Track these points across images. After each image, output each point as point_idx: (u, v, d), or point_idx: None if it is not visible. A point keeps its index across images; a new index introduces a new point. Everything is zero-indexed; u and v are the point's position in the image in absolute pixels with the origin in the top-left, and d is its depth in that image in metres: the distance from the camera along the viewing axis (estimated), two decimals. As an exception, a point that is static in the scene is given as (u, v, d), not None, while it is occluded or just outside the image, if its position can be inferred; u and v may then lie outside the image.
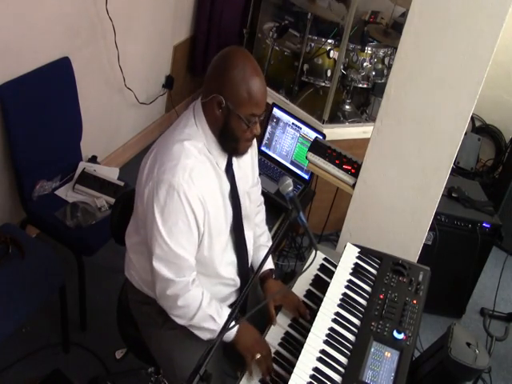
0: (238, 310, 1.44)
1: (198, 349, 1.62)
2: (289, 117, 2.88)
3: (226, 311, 1.68)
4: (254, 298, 1.94)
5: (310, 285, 1.91)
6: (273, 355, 1.67)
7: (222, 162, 1.68)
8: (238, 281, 1.84)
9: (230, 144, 1.64)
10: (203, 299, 1.66)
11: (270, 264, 1.92)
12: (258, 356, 1.61)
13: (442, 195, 2.06)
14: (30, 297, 2.06)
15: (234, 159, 1.72)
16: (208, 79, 1.60)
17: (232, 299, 1.87)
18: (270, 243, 1.97)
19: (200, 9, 3.74)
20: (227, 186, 1.71)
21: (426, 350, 1.68)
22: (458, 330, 1.54)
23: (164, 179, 1.53)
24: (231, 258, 1.80)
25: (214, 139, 1.63)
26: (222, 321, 1.64)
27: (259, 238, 1.97)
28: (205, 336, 1.68)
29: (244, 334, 1.68)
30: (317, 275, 1.95)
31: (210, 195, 1.62)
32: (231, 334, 1.67)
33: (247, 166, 1.82)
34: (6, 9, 2.23)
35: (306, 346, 1.55)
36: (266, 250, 1.92)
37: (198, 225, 1.60)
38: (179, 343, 1.75)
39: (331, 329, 1.62)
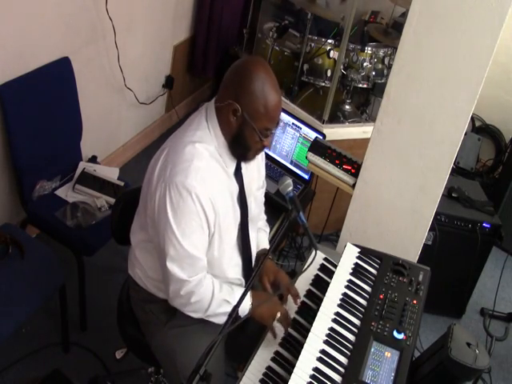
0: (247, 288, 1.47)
1: (201, 347, 1.62)
2: (289, 117, 2.88)
3: (238, 290, 1.73)
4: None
5: (310, 285, 1.91)
6: (273, 355, 1.67)
7: (232, 165, 1.71)
8: (243, 281, 1.87)
9: (241, 151, 1.68)
10: (214, 288, 1.69)
11: (266, 245, 1.99)
12: (279, 315, 1.67)
13: (442, 195, 2.06)
14: (30, 297, 2.06)
15: (243, 163, 1.75)
16: (226, 84, 1.62)
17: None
18: (268, 229, 2.05)
19: (200, 9, 3.74)
20: (236, 189, 1.74)
21: (426, 350, 1.68)
22: (458, 330, 1.54)
23: (177, 181, 1.55)
24: (237, 259, 1.83)
25: (224, 143, 1.66)
26: (235, 301, 1.65)
27: (257, 222, 2.00)
28: (222, 320, 1.70)
29: (258, 305, 1.71)
30: (317, 275, 1.95)
31: (220, 197, 1.64)
32: (246, 310, 1.70)
33: (254, 169, 1.85)
34: (6, 9, 2.23)
35: (305, 346, 1.55)
36: (263, 234, 2.00)
37: (209, 225, 1.63)
38: (183, 341, 1.75)
39: (331, 329, 1.62)
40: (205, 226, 1.61)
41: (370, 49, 3.20)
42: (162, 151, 1.66)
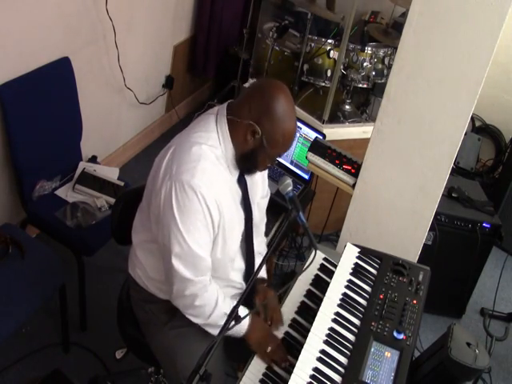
0: (244, 304, 1.48)
1: (200, 348, 1.62)
2: (289, 117, 2.87)
3: (240, 308, 1.71)
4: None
5: (310, 285, 1.91)
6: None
7: (236, 171, 1.71)
8: (244, 285, 1.86)
9: (247, 166, 1.70)
10: (219, 297, 1.69)
11: (263, 273, 1.95)
12: (269, 349, 1.65)
13: (442, 195, 2.06)
14: (30, 297, 2.06)
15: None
16: (248, 103, 1.61)
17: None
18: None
19: (200, 9, 3.74)
20: (239, 195, 1.74)
21: (425, 350, 1.68)
22: (458, 330, 1.54)
23: (183, 179, 1.55)
24: (240, 264, 1.83)
25: (233, 153, 1.66)
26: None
27: (260, 229, 1.99)
28: (217, 332, 1.70)
29: (254, 329, 1.71)
30: (317, 275, 1.95)
31: (225, 199, 1.64)
32: (242, 330, 1.70)
33: (258, 177, 1.84)
34: (6, 9, 2.23)
35: (305, 346, 1.55)
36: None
37: (214, 226, 1.63)
38: (182, 342, 1.75)
39: (331, 329, 1.62)
40: (209, 226, 1.61)
41: (369, 49, 3.20)
42: (168, 149, 1.65)
